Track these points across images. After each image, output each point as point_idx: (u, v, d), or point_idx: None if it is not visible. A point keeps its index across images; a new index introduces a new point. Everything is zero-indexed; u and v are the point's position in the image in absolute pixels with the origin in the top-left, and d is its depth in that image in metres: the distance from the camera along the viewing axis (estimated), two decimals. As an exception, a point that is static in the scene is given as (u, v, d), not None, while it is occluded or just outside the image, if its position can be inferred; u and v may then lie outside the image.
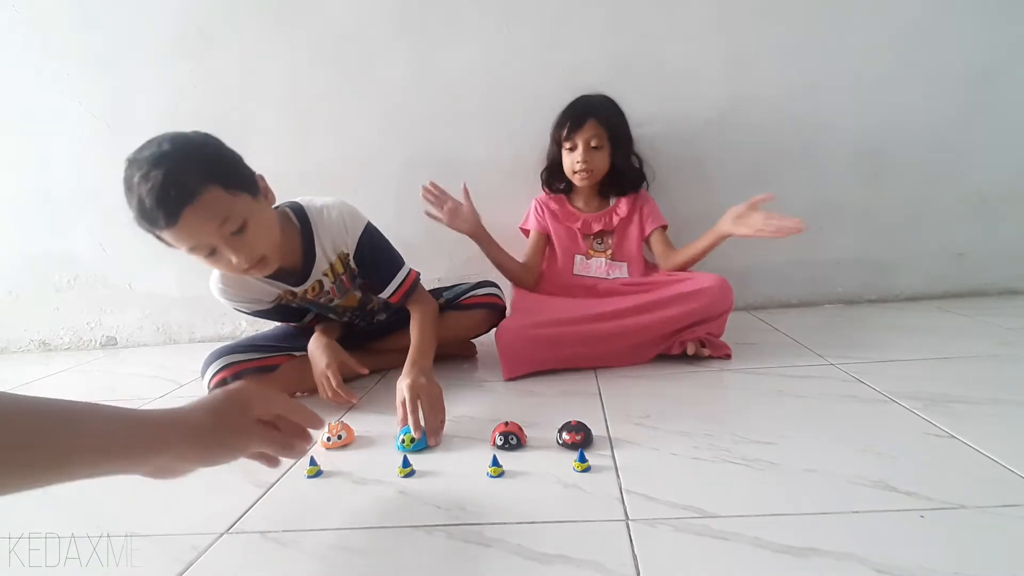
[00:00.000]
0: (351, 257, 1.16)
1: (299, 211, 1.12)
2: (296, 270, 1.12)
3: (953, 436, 0.80)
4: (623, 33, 1.55)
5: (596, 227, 1.46)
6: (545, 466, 0.80)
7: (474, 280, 1.42)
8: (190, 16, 1.61)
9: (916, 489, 0.67)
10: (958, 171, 1.58)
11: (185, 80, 1.64)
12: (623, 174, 1.44)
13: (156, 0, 1.61)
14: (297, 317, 1.27)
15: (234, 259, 0.92)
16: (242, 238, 0.92)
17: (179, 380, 1.40)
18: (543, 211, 1.49)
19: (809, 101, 1.56)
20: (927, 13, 1.50)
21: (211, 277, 1.13)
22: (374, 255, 1.17)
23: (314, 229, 1.12)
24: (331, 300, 1.20)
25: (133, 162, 0.85)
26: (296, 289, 1.15)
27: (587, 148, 1.37)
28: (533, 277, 1.48)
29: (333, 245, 1.14)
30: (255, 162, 1.64)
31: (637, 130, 1.45)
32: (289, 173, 1.43)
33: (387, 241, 1.20)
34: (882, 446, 0.78)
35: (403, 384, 0.97)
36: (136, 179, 0.84)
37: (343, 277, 1.18)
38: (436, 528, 0.67)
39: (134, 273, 1.79)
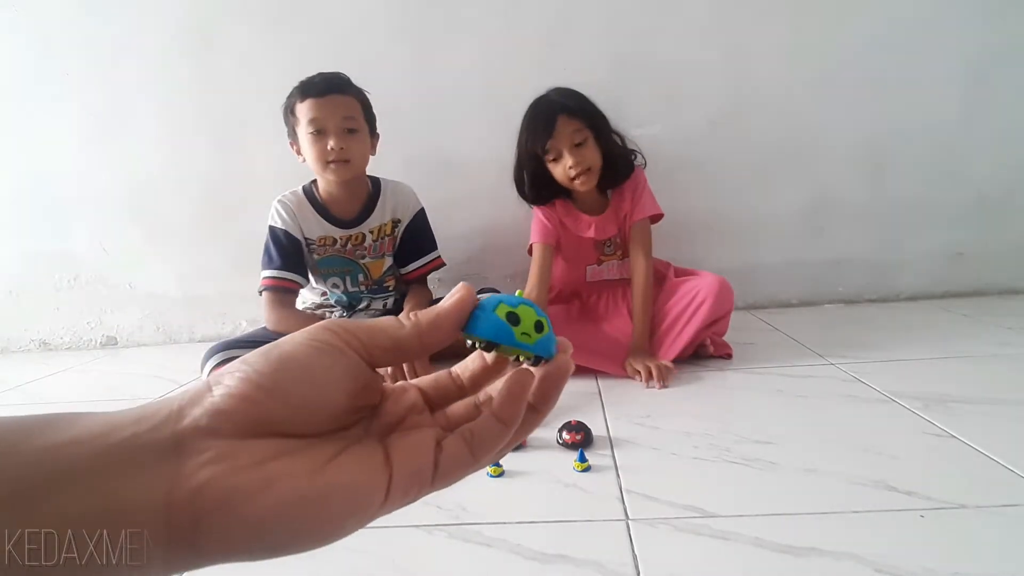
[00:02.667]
0: (402, 225, 1.38)
1: (374, 178, 1.38)
2: (349, 218, 1.34)
3: (953, 436, 0.80)
4: (623, 33, 1.55)
5: (609, 232, 1.33)
6: (545, 466, 0.80)
7: (475, 284, 1.42)
8: (190, 16, 1.60)
9: (916, 489, 0.67)
10: (958, 171, 1.58)
11: (185, 80, 1.64)
12: (615, 160, 1.28)
13: (156, 0, 1.61)
14: (306, 272, 1.34)
15: (332, 144, 1.20)
16: (348, 138, 1.22)
17: (179, 380, 1.40)
18: (553, 219, 1.32)
19: (809, 100, 1.56)
20: (927, 13, 1.50)
21: (275, 201, 1.33)
22: (421, 230, 1.40)
23: (382, 191, 1.37)
24: (363, 256, 1.37)
25: None
26: (339, 234, 1.33)
27: (572, 148, 1.20)
28: (547, 299, 1.31)
29: (394, 208, 1.37)
30: (255, 161, 1.68)
31: (637, 130, 1.43)
32: (288, 173, 1.43)
33: (431, 229, 1.43)
34: (882, 446, 0.78)
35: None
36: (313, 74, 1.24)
37: (386, 240, 1.38)
38: (436, 528, 0.67)
39: (134, 273, 1.79)
